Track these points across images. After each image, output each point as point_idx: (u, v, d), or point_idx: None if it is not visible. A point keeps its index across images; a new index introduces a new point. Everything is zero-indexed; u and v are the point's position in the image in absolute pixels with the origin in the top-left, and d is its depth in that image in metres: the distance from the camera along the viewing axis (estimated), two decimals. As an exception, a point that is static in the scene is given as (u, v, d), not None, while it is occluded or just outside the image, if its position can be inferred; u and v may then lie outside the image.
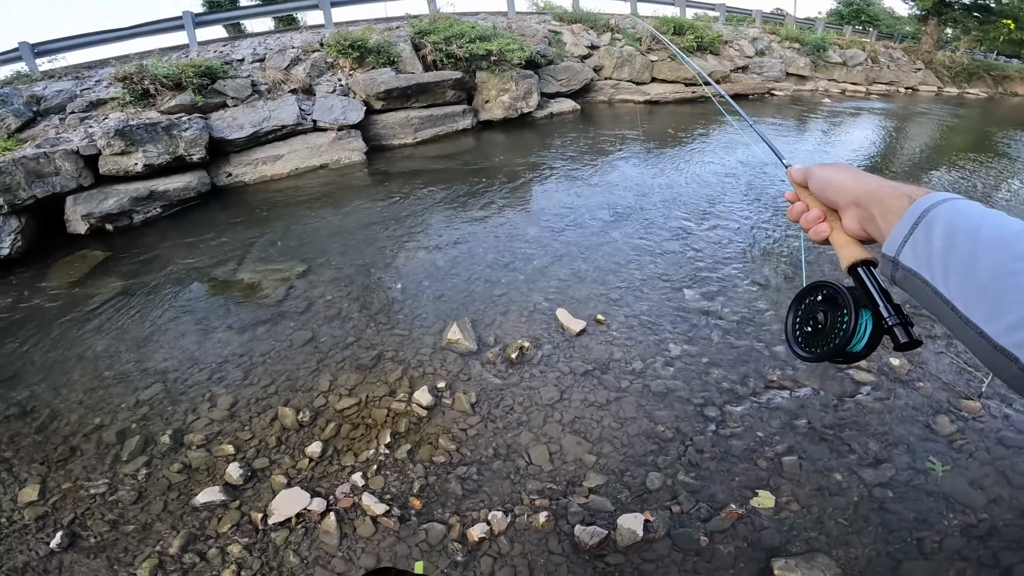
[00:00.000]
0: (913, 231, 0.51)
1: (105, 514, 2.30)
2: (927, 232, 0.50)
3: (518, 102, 9.43)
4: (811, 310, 0.66)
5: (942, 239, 0.48)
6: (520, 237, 4.81)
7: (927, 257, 0.50)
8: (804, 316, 0.67)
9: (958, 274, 0.47)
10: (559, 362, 3.11)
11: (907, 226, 0.52)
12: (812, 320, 0.65)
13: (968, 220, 0.48)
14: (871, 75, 17.47)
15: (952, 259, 0.47)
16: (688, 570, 1.96)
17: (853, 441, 2.50)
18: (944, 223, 0.49)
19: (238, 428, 2.72)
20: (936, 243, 0.49)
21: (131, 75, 6.95)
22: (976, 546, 2.01)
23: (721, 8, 16.75)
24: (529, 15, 13.13)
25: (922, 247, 0.50)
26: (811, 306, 0.66)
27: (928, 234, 0.50)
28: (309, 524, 2.18)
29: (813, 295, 0.67)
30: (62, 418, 2.88)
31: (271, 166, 7.10)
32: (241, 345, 3.39)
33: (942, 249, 0.48)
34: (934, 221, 0.50)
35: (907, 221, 0.52)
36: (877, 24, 25.72)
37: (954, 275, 0.47)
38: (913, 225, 0.51)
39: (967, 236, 0.47)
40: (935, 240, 0.49)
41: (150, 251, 4.98)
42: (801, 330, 0.67)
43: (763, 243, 4.67)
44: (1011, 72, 22.15)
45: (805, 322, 0.66)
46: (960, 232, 0.48)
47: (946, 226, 0.49)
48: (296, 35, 9.58)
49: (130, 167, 5.84)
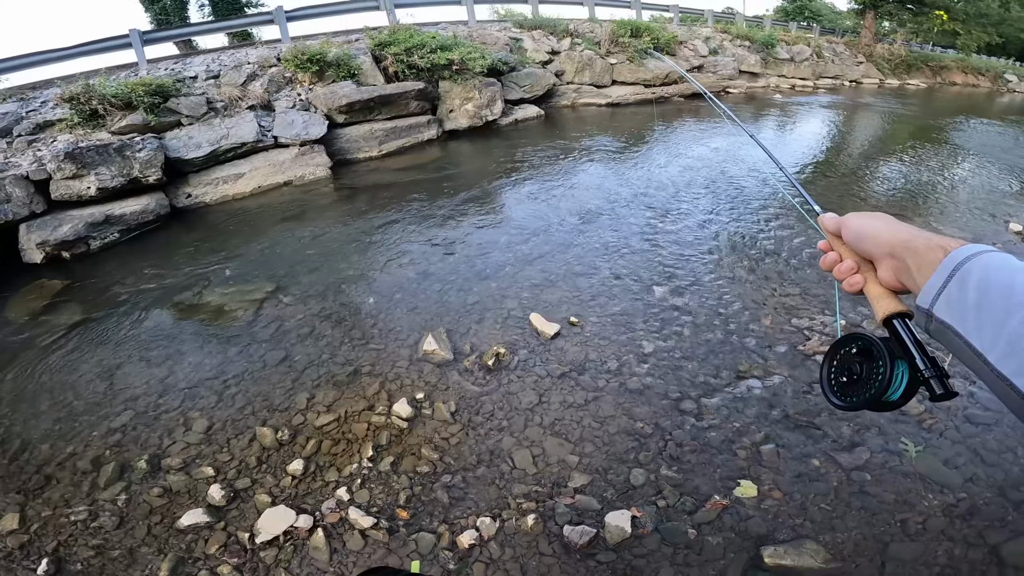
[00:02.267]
0: (947, 284, 0.52)
1: (89, 540, 2.25)
2: (961, 285, 0.51)
3: (482, 110, 9.47)
4: (846, 361, 0.67)
5: (976, 292, 0.49)
6: (490, 245, 4.84)
7: (961, 310, 0.50)
8: (839, 367, 0.68)
9: (991, 328, 0.47)
10: (536, 366, 3.14)
11: (941, 279, 0.53)
12: (848, 371, 0.66)
13: (1002, 274, 0.49)
14: (817, 70, 18.16)
15: (985, 313, 0.48)
16: (680, 563, 2.00)
17: (826, 426, 2.59)
18: (978, 277, 0.50)
19: (216, 450, 2.67)
20: (970, 296, 0.50)
21: (78, 95, 6.71)
22: (960, 525, 2.07)
23: (675, 9, 17.17)
24: (490, 23, 13.21)
25: (956, 300, 0.51)
26: (846, 357, 0.67)
27: (962, 287, 0.51)
28: (297, 541, 2.16)
29: (848, 346, 0.68)
30: (34, 448, 2.79)
31: (232, 185, 6.95)
32: (212, 368, 3.31)
33: (975, 303, 0.49)
34: (968, 274, 0.50)
35: (941, 273, 0.53)
36: (820, 19, 26.84)
37: (987, 329, 0.48)
38: (948, 278, 0.52)
39: (1001, 291, 0.48)
40: (969, 293, 0.50)
41: (110, 278, 4.82)
42: (837, 380, 0.67)
43: (726, 237, 4.81)
44: (948, 62, 23.33)
45: (840, 373, 0.67)
46: (994, 287, 0.48)
47: (980, 280, 0.49)
48: (251, 50, 9.42)
49: (83, 191, 5.65)
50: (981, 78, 23.70)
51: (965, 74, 23.40)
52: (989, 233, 5.08)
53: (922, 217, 5.57)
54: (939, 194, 6.51)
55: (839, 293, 0.73)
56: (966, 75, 23.40)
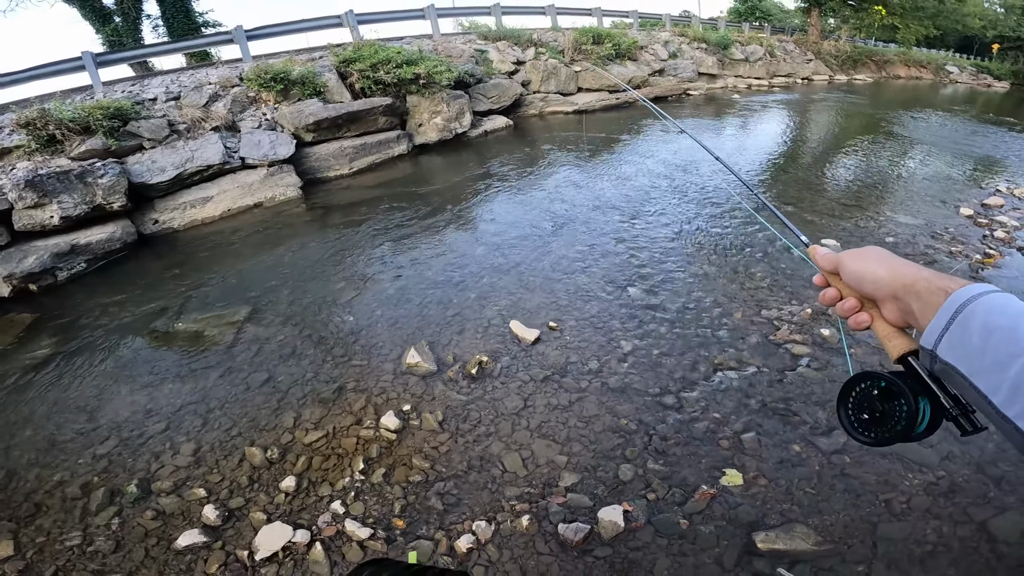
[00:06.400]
0: (950, 326, 0.53)
1: (87, 564, 2.23)
2: (963, 328, 0.51)
3: (451, 123, 9.54)
4: (864, 399, 0.67)
5: (979, 337, 0.50)
6: (467, 256, 4.89)
7: (964, 353, 0.51)
8: (857, 405, 0.67)
9: (995, 373, 0.48)
10: (519, 372, 3.20)
11: (944, 320, 0.53)
12: (868, 409, 0.66)
13: (1004, 318, 0.49)
14: (771, 68, 18.82)
15: (988, 358, 0.49)
16: (675, 553, 2.07)
17: (803, 412, 2.71)
18: (981, 321, 0.50)
19: (206, 472, 2.66)
20: (973, 340, 0.50)
21: (34, 120, 6.53)
22: (944, 504, 2.17)
23: (634, 15, 17.57)
24: (454, 36, 13.31)
25: (958, 343, 0.52)
26: (863, 395, 0.67)
27: (964, 331, 0.51)
28: (297, 556, 2.17)
29: (862, 384, 0.67)
30: (20, 478, 2.75)
31: (201, 209, 6.84)
32: (195, 393, 3.28)
33: (979, 347, 0.50)
34: (970, 317, 0.51)
35: (944, 315, 0.54)
36: (770, 19, 27.79)
37: (991, 373, 0.49)
38: (950, 320, 0.53)
39: (1003, 336, 0.48)
40: (972, 337, 0.50)
41: (80, 309, 4.70)
42: (857, 417, 0.67)
43: (694, 235, 4.97)
44: (890, 56, 24.42)
45: (860, 410, 0.67)
46: (997, 331, 0.49)
47: (983, 324, 0.50)
48: (212, 70, 9.30)
49: (46, 220, 5.50)
50: (923, 70, 24.89)
51: (908, 67, 24.55)
52: (941, 218, 5.36)
53: (878, 207, 5.83)
54: (893, 183, 6.83)
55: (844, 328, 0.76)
56: (909, 68, 24.55)
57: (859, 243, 4.67)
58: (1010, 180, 6.83)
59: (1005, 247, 4.65)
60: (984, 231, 4.99)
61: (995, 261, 4.36)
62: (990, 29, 32.70)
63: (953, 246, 4.64)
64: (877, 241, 4.75)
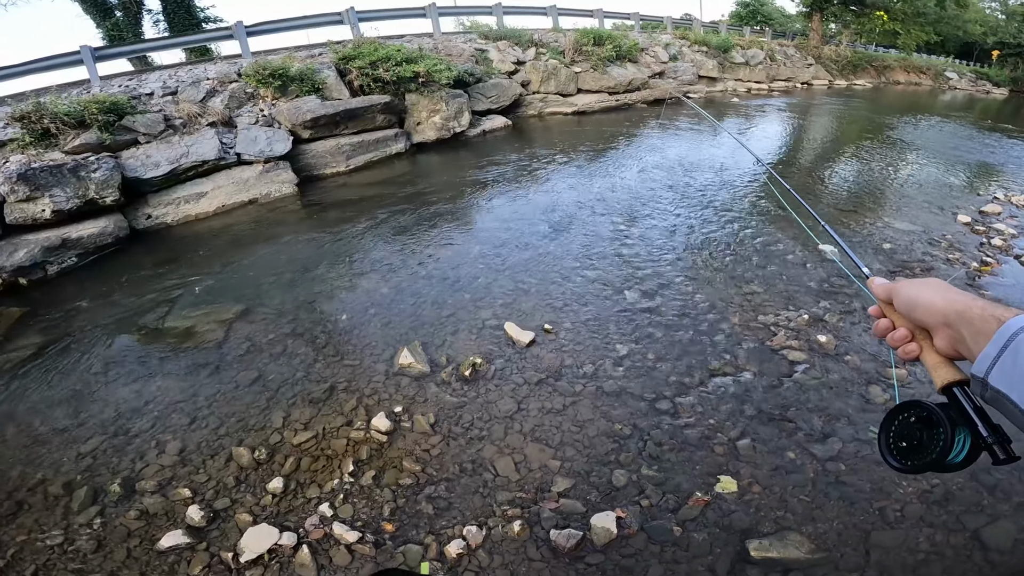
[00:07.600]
0: (1002, 354, 0.54)
1: (68, 564, 2.20)
2: (1015, 356, 0.52)
3: (450, 122, 9.50)
4: (905, 427, 0.68)
5: None
6: (462, 256, 4.85)
7: (1016, 380, 0.52)
8: (898, 432, 0.69)
9: None
10: (513, 374, 3.16)
11: (996, 348, 0.54)
12: (907, 436, 0.67)
13: None
14: (771, 72, 18.83)
15: None
16: (668, 560, 2.04)
17: (798, 419, 2.68)
18: None
19: (192, 471, 2.61)
20: None
21: (29, 114, 6.47)
22: (938, 511, 2.14)
23: (636, 17, 17.56)
24: (455, 35, 13.27)
25: (1010, 370, 0.53)
26: (905, 423, 0.68)
27: (1016, 358, 0.52)
28: (283, 559, 2.13)
29: (905, 413, 0.68)
30: (1, 475, 2.70)
31: (195, 204, 6.79)
32: (183, 391, 3.23)
33: None
34: (1023, 345, 0.52)
35: (996, 343, 0.55)
36: (771, 23, 27.82)
37: None
38: (1002, 348, 0.54)
39: None
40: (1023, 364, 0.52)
41: (70, 304, 4.65)
42: (896, 444, 0.68)
43: (692, 239, 4.94)
44: (891, 62, 24.49)
45: (900, 438, 0.68)
46: None
47: None
48: (210, 66, 9.24)
49: (38, 214, 5.45)
50: (923, 76, 24.94)
51: (907, 72, 24.61)
52: (938, 225, 5.34)
53: (875, 213, 5.81)
54: (890, 190, 6.81)
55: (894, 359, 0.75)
56: (908, 73, 24.61)
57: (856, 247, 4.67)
58: (1007, 187, 6.82)
59: (1002, 255, 4.63)
60: (981, 239, 4.97)
61: (992, 269, 4.34)
62: (991, 35, 32.75)
63: (950, 253, 4.62)
64: (874, 247, 4.73)
